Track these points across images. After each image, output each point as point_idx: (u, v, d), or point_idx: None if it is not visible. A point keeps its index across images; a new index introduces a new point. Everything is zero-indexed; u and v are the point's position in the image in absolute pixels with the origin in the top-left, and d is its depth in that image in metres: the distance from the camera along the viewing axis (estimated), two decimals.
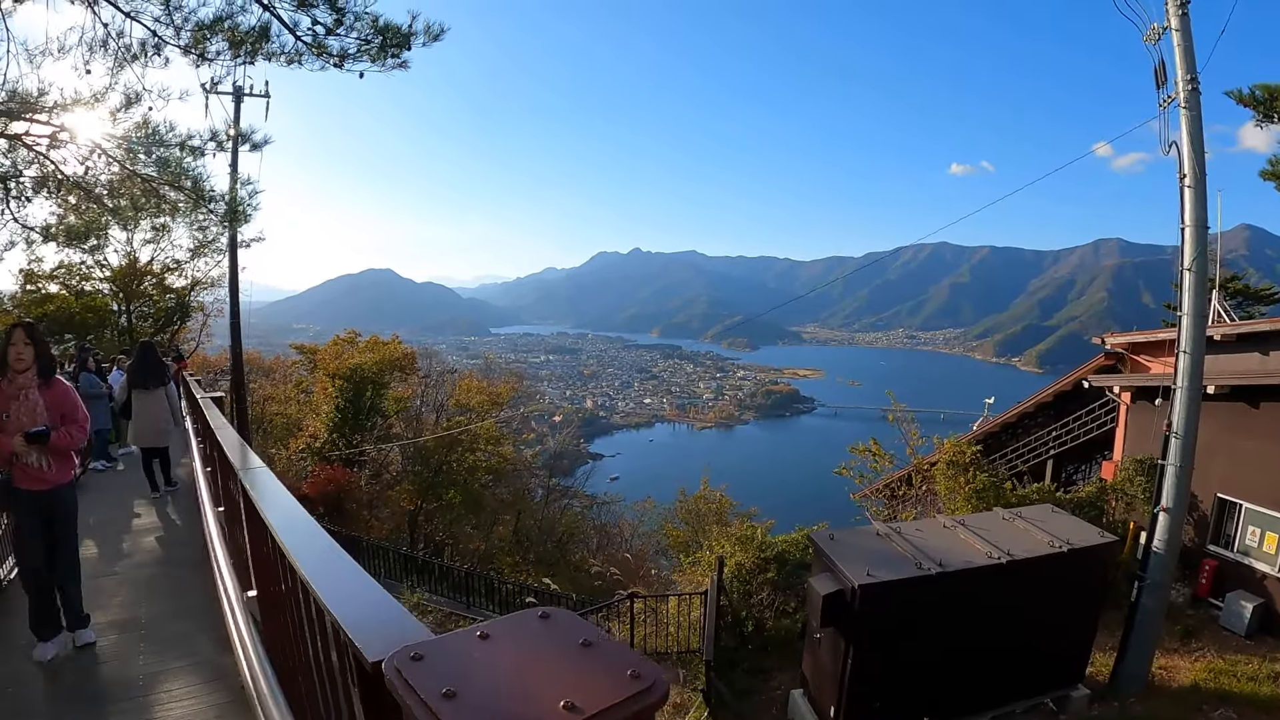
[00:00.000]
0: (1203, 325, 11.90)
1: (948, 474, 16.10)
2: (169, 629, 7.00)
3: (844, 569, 9.60)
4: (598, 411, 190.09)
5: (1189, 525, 15.89)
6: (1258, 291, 34.94)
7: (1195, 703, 12.05)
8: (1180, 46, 11.28)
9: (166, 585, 8.40)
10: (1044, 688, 11.55)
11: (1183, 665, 13.52)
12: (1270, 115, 14.44)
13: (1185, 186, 11.52)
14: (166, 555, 9.80)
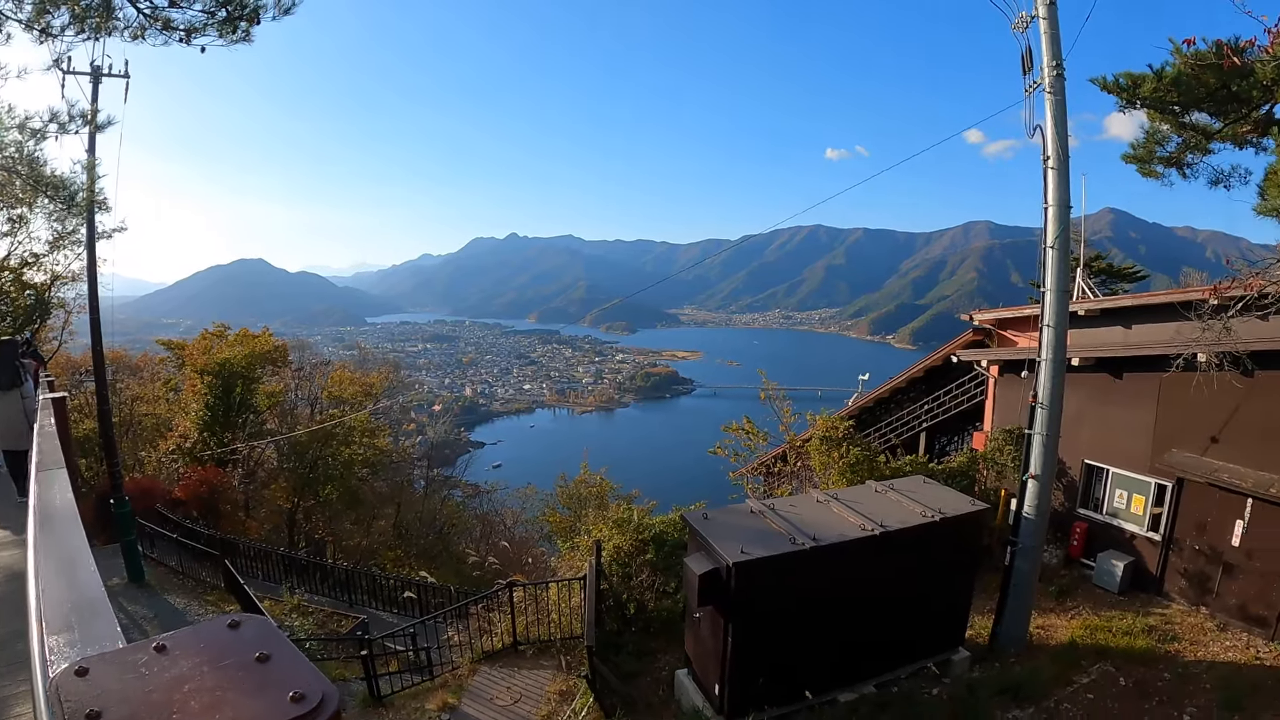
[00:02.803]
0: (1065, 301, 12.36)
1: (821, 449, 16.44)
2: None
3: (719, 548, 9.75)
4: (478, 399, 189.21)
5: (1059, 490, 16.57)
6: (1120, 270, 36.64)
7: (1074, 659, 12.58)
8: (1047, 34, 11.66)
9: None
10: (926, 653, 11.93)
11: (1060, 624, 14.12)
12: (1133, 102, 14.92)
13: (1049, 169, 11.96)
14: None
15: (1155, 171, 16.41)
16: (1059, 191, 11.91)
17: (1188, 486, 14.41)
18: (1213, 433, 14.13)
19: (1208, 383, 13.22)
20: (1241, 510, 13.31)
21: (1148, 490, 15.46)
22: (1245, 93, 13.71)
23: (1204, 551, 14.01)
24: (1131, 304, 17.99)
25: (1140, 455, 15.56)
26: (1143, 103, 14.98)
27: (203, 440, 27.21)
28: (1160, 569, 14.91)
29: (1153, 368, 14.91)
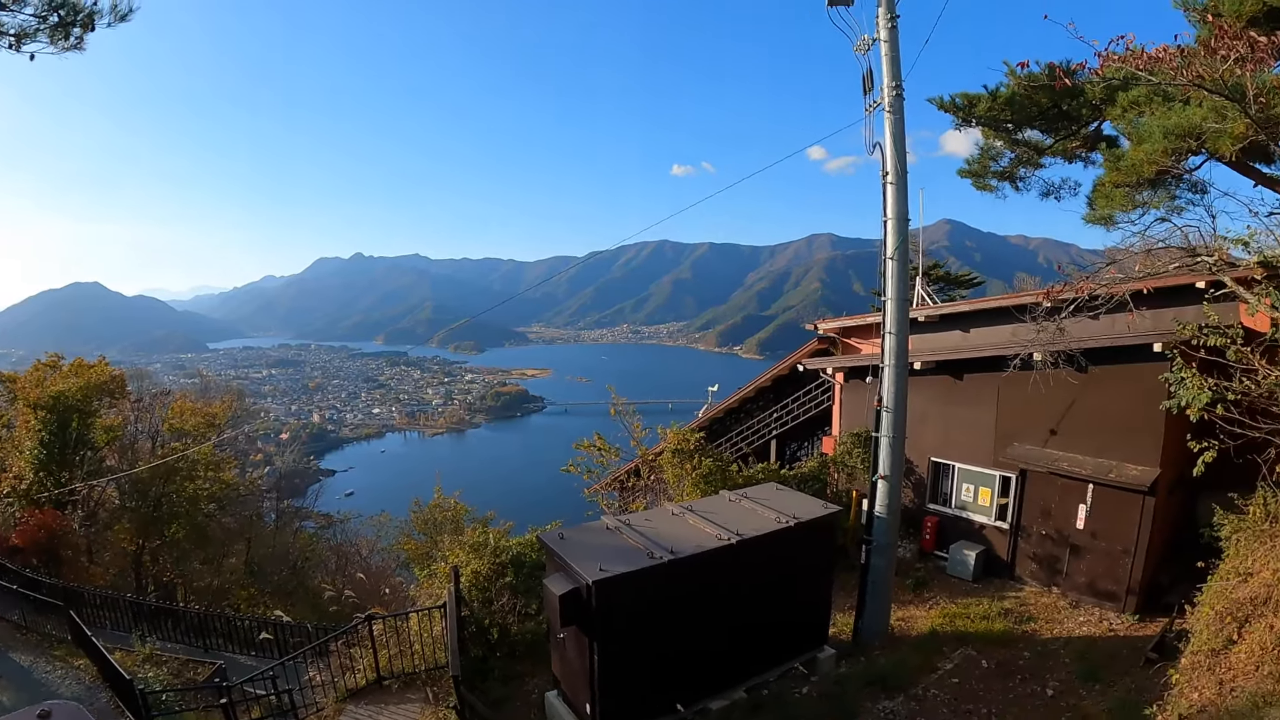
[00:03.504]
0: (906, 308, 12.92)
1: (674, 462, 16.58)
2: None
3: (577, 567, 9.61)
4: (326, 425, 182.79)
5: (908, 488, 17.39)
6: (958, 277, 39.28)
7: (935, 646, 13.10)
8: (887, 56, 12.16)
9: None
10: (793, 653, 12.15)
11: (919, 614, 14.69)
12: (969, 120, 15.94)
13: (888, 184, 12.46)
14: None
15: (989, 185, 17.56)
16: (897, 205, 12.47)
17: (1031, 477, 15.38)
18: (1051, 425, 15.15)
19: (1044, 380, 14.20)
20: (1084, 495, 14.32)
21: (993, 483, 16.40)
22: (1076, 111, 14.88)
23: (1051, 536, 14.99)
24: (969, 309, 19.11)
25: (984, 450, 16.49)
26: (978, 121, 15.98)
27: (39, 481, 24.78)
28: (1011, 555, 15.86)
29: (991, 368, 15.82)
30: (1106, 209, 13.86)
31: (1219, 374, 9.90)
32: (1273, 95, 9.77)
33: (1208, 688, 8.78)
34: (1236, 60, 9.57)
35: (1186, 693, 9.04)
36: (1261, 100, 9.65)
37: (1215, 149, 10.96)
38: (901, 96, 12.35)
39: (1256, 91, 9.57)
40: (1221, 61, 9.71)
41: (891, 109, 12.27)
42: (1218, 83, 9.79)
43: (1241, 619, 9.36)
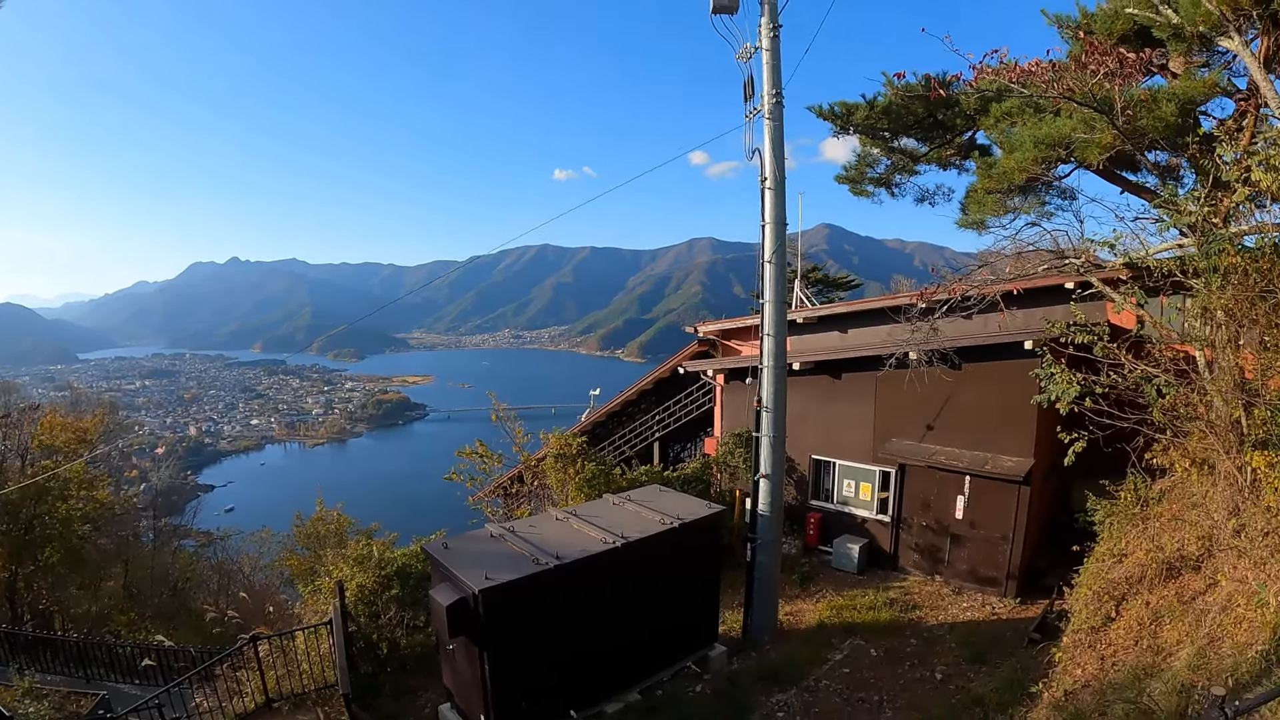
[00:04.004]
0: (784, 310, 13.17)
1: (557, 467, 16.49)
2: None
3: (463, 576, 9.42)
4: (203, 438, 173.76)
5: (790, 486, 17.78)
6: (836, 280, 40.52)
7: (825, 638, 13.41)
8: (768, 65, 12.33)
9: None
10: (684, 653, 12.24)
11: (807, 608, 14.99)
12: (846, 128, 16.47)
13: (766, 189, 12.67)
14: None
15: (866, 191, 18.16)
16: (775, 210, 12.72)
17: (910, 471, 15.97)
18: (929, 421, 15.77)
19: (919, 378, 14.76)
20: (962, 486, 14.98)
21: (873, 478, 16.96)
22: (950, 121, 15.56)
23: (931, 527, 15.62)
24: (846, 310, 19.72)
25: (863, 447, 17.02)
26: (856, 129, 16.50)
27: None
28: (894, 547, 16.44)
29: (869, 367, 16.37)
30: (979, 214, 14.53)
31: (1087, 369, 10.39)
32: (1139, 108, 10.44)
33: (1090, 663, 9.25)
34: (1106, 75, 10.20)
35: (1070, 669, 9.50)
36: (1129, 113, 10.30)
37: (1084, 158, 11.64)
38: (781, 104, 12.58)
39: (1124, 104, 10.21)
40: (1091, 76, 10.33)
41: (771, 116, 12.48)
42: (1087, 96, 10.42)
43: (1118, 597, 9.92)
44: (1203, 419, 9.29)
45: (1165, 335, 10.16)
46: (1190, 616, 8.52)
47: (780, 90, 12.51)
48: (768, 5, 12.16)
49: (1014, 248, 12.42)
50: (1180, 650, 8.12)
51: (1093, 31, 12.31)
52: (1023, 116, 12.74)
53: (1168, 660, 8.16)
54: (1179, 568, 9.48)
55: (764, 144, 12.62)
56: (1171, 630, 8.64)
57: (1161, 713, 6.96)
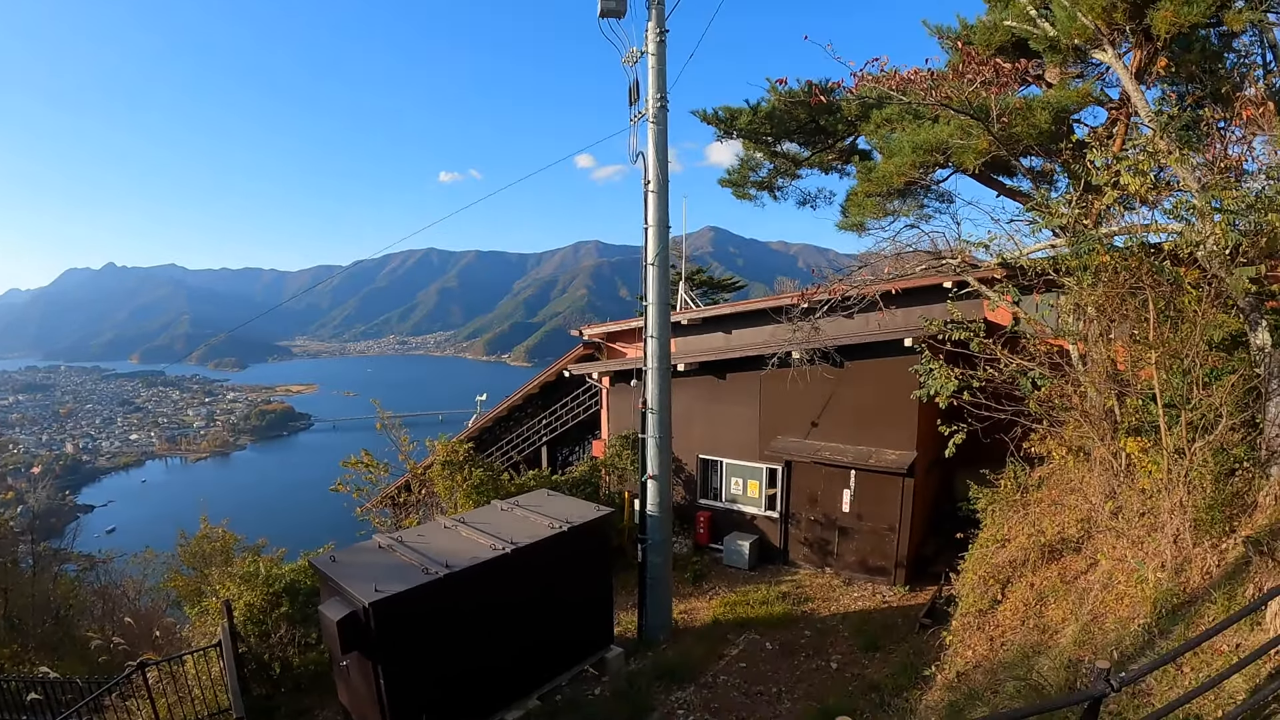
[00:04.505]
0: (667, 312, 13.25)
1: (444, 474, 16.23)
2: None
3: (352, 590, 9.14)
4: (81, 456, 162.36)
5: (679, 486, 17.94)
6: (721, 281, 41.20)
7: (720, 634, 13.55)
8: (654, 69, 12.38)
9: None
10: (581, 656, 12.17)
11: (701, 605, 15.12)
12: (730, 133, 16.72)
13: (650, 192, 12.73)
14: None
15: (749, 194, 18.48)
16: (659, 212, 12.81)
17: (796, 467, 16.34)
18: (813, 418, 16.18)
19: (801, 376, 15.13)
20: (847, 481, 15.42)
21: (760, 475, 17.27)
22: (832, 127, 15.97)
23: (820, 521, 16.01)
24: (730, 311, 20.03)
25: (750, 445, 17.32)
26: (739, 133, 16.76)
27: None
28: (783, 542, 16.77)
29: (753, 367, 16.64)
30: (858, 216, 15.00)
31: (965, 364, 10.83)
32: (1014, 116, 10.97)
33: (980, 645, 9.65)
34: (983, 83, 10.67)
35: (961, 651, 9.89)
36: (1004, 120, 10.80)
37: (961, 163, 12.16)
38: (666, 108, 12.67)
39: (1000, 112, 10.71)
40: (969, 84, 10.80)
41: (656, 120, 12.55)
42: (964, 103, 10.87)
43: (1003, 581, 10.39)
44: (1077, 409, 9.82)
45: (1039, 331, 10.68)
46: (1073, 595, 8.99)
47: (665, 94, 12.58)
48: (655, 10, 12.21)
49: (893, 249, 12.77)
50: (1066, 628, 8.55)
51: (972, 42, 12.89)
52: (902, 122, 13.21)
53: (1054, 638, 8.57)
54: (1060, 550, 10.01)
55: (648, 147, 12.66)
56: (1056, 609, 9.10)
57: (1051, 688, 7.26)
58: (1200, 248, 7.77)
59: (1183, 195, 8.28)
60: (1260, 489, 7.99)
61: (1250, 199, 7.74)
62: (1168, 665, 6.32)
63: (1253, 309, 8.14)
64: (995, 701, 7.73)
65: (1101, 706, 4.93)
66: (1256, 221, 7.74)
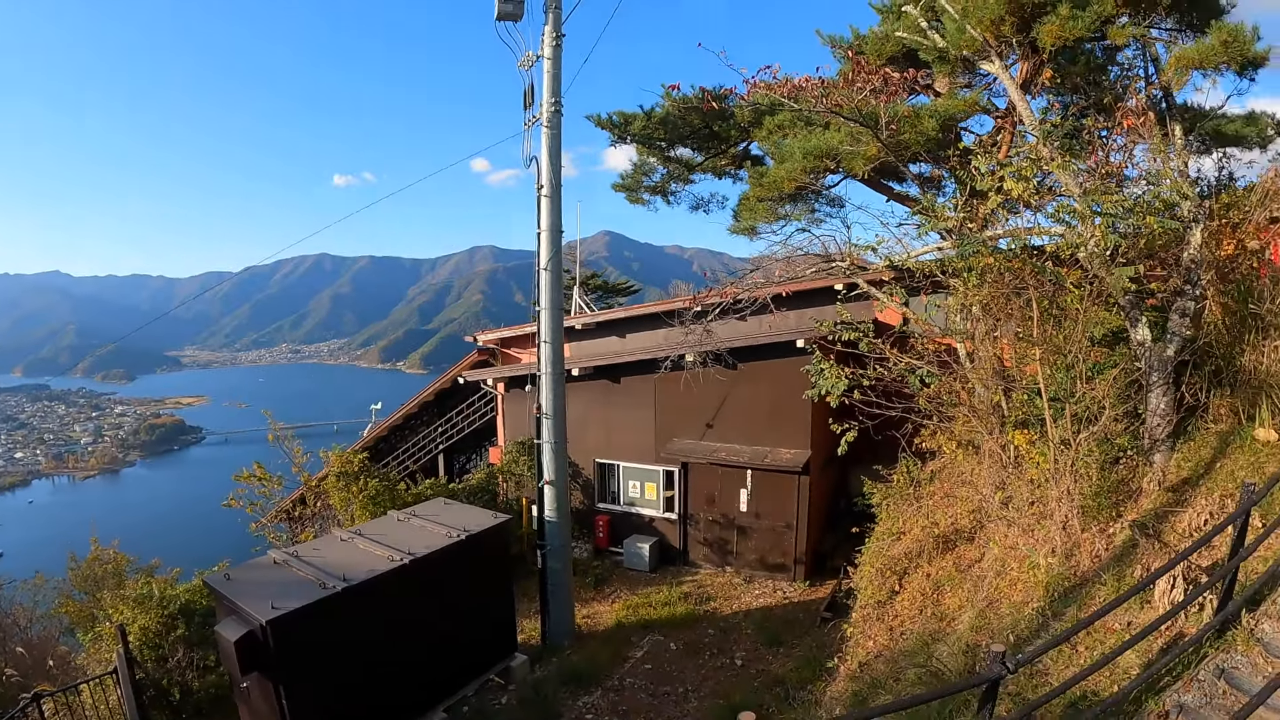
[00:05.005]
0: (560, 317, 13.17)
1: (339, 486, 15.84)
2: None
3: (248, 608, 8.83)
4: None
5: (577, 490, 17.88)
6: (616, 286, 41.33)
7: (624, 637, 13.55)
8: (549, 73, 12.30)
9: None
10: (485, 666, 12.00)
11: (604, 609, 15.08)
12: (624, 138, 16.74)
13: (543, 196, 12.66)
14: None
15: (642, 199, 18.54)
16: (551, 217, 12.77)
17: (693, 468, 16.48)
18: (708, 419, 16.35)
19: (695, 378, 15.28)
20: (744, 480, 15.64)
21: (658, 477, 17.33)
22: (725, 132, 16.17)
23: (718, 521, 16.18)
24: (624, 315, 20.09)
25: (646, 447, 17.36)
26: (633, 138, 16.80)
27: None
28: (683, 543, 16.88)
29: (648, 370, 16.73)
30: (750, 220, 15.18)
31: (855, 364, 11.15)
32: (903, 123, 11.32)
33: (880, 635, 9.92)
34: (873, 92, 10.99)
35: (862, 642, 10.15)
36: (892, 127, 11.14)
37: (850, 169, 12.45)
38: (560, 113, 12.63)
39: (888, 119, 11.04)
40: (858, 92, 11.11)
41: (550, 124, 12.49)
42: (854, 111, 11.17)
43: (900, 572, 10.71)
44: (966, 404, 10.22)
45: (928, 330, 11.05)
46: (969, 583, 9.35)
47: (560, 99, 12.55)
48: (551, 15, 12.17)
49: (785, 252, 13.01)
50: (962, 615, 8.88)
51: (863, 52, 13.25)
52: (794, 129, 13.47)
53: (952, 625, 8.88)
54: (954, 540, 10.38)
55: (541, 152, 12.59)
56: (953, 597, 9.44)
57: (951, 673, 7.53)
58: (1082, 249, 8.17)
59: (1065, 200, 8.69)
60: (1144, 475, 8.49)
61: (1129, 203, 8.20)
62: (1062, 645, 6.62)
63: (1133, 306, 8.63)
64: (898, 689, 7.95)
65: (1000, 688, 5.12)
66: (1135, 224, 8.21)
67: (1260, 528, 6.51)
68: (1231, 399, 8.73)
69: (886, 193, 14.88)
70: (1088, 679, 5.79)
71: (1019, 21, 9.80)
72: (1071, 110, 10.86)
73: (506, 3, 11.89)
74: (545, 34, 12.30)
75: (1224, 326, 9.04)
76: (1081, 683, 5.75)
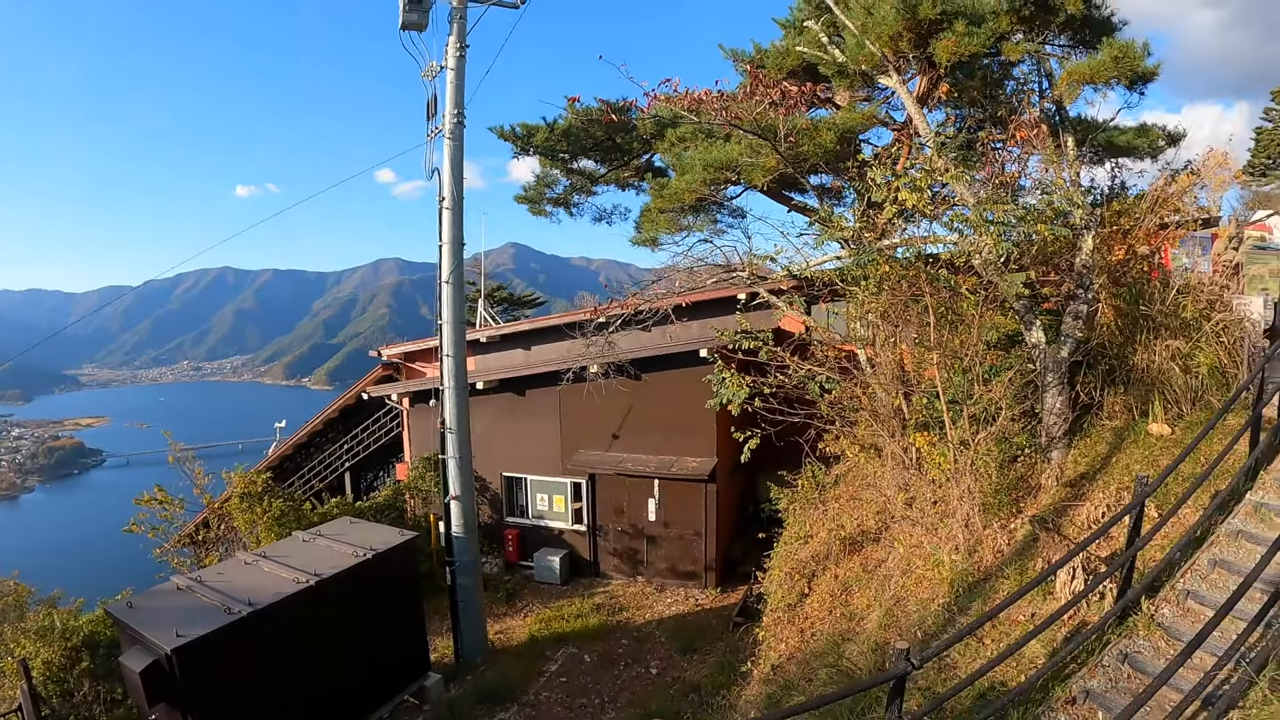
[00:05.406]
0: (462, 331, 13.01)
1: (243, 507, 15.32)
2: None
3: (153, 637, 8.50)
4: None
5: (485, 505, 17.61)
6: (522, 298, 40.98)
7: (538, 651, 13.38)
8: (453, 84, 12.14)
9: None
10: (399, 686, 11.71)
11: (516, 624, 14.86)
12: (527, 150, 16.56)
13: (444, 209, 12.46)
14: None
15: (545, 211, 18.41)
16: (453, 230, 12.62)
17: (600, 479, 16.42)
18: (614, 430, 16.31)
19: (598, 390, 15.24)
20: (651, 490, 15.64)
21: (565, 490, 17.17)
22: (628, 145, 16.16)
23: (628, 531, 16.15)
24: (530, 328, 19.90)
25: (553, 460, 17.20)
26: (536, 150, 16.66)
27: None
28: (593, 554, 16.77)
29: (552, 382, 16.54)
30: (652, 232, 15.25)
31: (757, 372, 11.27)
32: (801, 136, 11.51)
33: (791, 637, 10.03)
34: (771, 105, 11.15)
35: (774, 645, 10.25)
36: (791, 139, 11.31)
37: (750, 180, 12.60)
38: (463, 124, 12.50)
39: (787, 132, 11.21)
40: (757, 105, 11.25)
41: (452, 136, 12.34)
42: (753, 124, 11.31)
43: (809, 575, 10.86)
44: (867, 409, 10.45)
45: (828, 337, 11.26)
46: (876, 583, 9.52)
47: (463, 110, 12.41)
48: (456, 25, 12.03)
49: (688, 263, 13.09)
50: (871, 614, 9.03)
51: (764, 66, 13.42)
52: (696, 141, 13.55)
53: (861, 624, 9.04)
54: (861, 541, 10.57)
55: (444, 163, 12.41)
56: (861, 597, 9.60)
57: (861, 671, 7.65)
58: (976, 256, 8.44)
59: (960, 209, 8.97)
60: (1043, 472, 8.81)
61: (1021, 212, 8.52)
62: (969, 639, 6.81)
63: (1027, 310, 8.96)
64: (810, 690, 8.03)
65: (909, 683, 5.20)
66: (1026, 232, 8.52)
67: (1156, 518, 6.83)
68: (1125, 396, 9.18)
69: (787, 203, 15.10)
70: (996, 670, 5.95)
71: (916, 37, 10.09)
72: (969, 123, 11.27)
73: (411, 12, 11.72)
74: (449, 44, 12.17)
75: (1117, 328, 9.51)
76: (991, 674, 5.91)
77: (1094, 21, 11.23)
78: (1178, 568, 6.58)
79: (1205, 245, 12.03)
